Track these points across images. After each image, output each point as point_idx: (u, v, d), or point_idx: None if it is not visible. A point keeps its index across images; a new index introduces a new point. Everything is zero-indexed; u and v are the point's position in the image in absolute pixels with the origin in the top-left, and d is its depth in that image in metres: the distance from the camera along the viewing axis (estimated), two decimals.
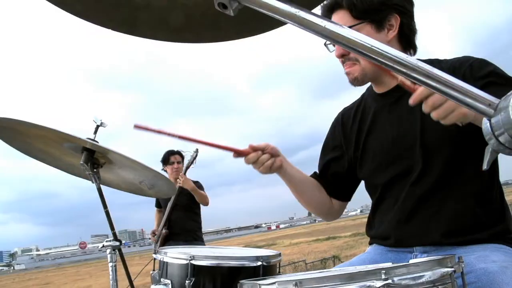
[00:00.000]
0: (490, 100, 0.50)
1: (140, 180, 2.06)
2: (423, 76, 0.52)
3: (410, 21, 1.63)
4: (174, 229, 5.23)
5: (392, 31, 1.60)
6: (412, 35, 1.66)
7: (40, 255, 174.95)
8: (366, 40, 0.53)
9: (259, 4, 0.58)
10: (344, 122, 1.85)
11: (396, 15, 1.59)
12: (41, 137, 1.93)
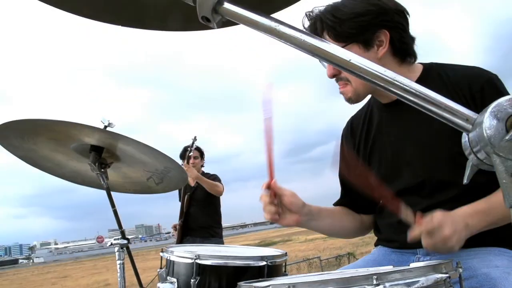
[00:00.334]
0: (468, 115, 0.50)
1: (148, 176, 2.08)
2: (402, 90, 0.52)
3: (402, 33, 1.56)
4: (191, 224, 5.26)
5: (382, 47, 1.54)
6: (406, 46, 1.58)
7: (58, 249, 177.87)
8: (343, 53, 0.53)
9: (240, 18, 0.58)
10: (353, 130, 1.83)
11: (385, 30, 1.52)
12: (48, 140, 1.96)
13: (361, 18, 1.52)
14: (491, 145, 0.45)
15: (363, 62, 0.52)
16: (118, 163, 2.09)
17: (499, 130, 0.45)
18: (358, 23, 1.52)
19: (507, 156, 0.44)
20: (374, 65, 0.52)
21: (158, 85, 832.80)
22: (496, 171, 0.46)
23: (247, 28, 0.57)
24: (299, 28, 0.56)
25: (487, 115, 0.46)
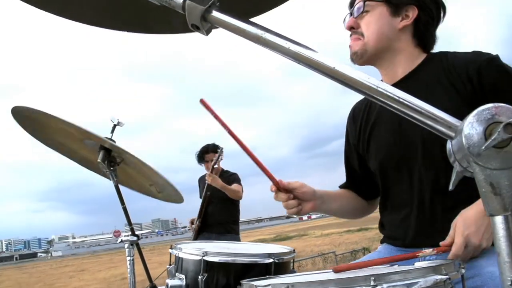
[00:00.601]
0: (451, 123, 0.50)
1: (151, 183, 2.11)
2: (385, 97, 0.52)
3: (429, 21, 1.62)
4: (209, 220, 5.30)
5: (406, 21, 1.60)
6: (427, 34, 1.64)
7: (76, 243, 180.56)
8: (327, 61, 0.53)
9: (228, 26, 0.59)
10: (355, 116, 1.85)
11: (414, 7, 1.59)
12: (63, 131, 1.99)
13: None
14: (470, 154, 0.45)
15: (347, 69, 0.53)
16: (126, 165, 2.11)
17: (478, 139, 0.45)
18: None
19: (486, 165, 0.44)
20: (358, 73, 0.52)
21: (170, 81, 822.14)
22: (476, 180, 0.46)
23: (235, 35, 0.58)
24: (284, 36, 0.56)
25: (467, 123, 0.46)
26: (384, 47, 1.62)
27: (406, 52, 1.63)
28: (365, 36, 1.62)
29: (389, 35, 1.61)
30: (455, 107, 1.46)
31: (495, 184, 0.45)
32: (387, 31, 1.61)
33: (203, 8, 0.59)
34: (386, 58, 1.65)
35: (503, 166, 0.44)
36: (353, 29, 1.66)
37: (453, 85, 1.49)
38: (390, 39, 1.61)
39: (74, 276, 25.23)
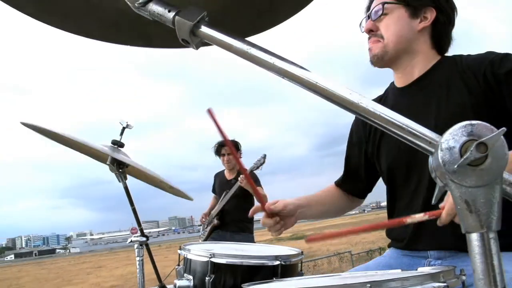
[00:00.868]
0: (431, 138, 0.50)
1: (161, 180, 2.14)
2: (367, 112, 0.53)
3: (447, 22, 1.63)
4: (224, 219, 5.31)
5: (425, 22, 1.61)
6: (444, 35, 1.65)
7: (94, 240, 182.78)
8: (310, 76, 0.54)
9: (216, 41, 0.61)
10: None
11: (433, 9, 1.60)
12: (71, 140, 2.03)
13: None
14: (446, 171, 0.45)
15: (329, 84, 0.53)
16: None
17: (454, 156, 0.45)
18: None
19: (461, 183, 0.45)
20: (340, 88, 0.53)
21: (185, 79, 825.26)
22: (452, 197, 0.47)
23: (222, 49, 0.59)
24: (269, 51, 0.57)
25: (443, 140, 0.46)
26: (403, 49, 1.63)
27: (423, 54, 1.64)
28: (384, 38, 1.63)
29: (409, 36, 1.62)
30: (469, 107, 1.46)
31: (470, 202, 0.45)
32: (407, 33, 1.61)
33: (191, 24, 0.60)
34: (404, 60, 1.65)
35: (478, 183, 0.44)
36: (372, 31, 1.66)
37: (467, 85, 1.49)
38: (410, 40, 1.62)
39: (92, 272, 25.59)
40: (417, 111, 1.59)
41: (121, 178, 2.00)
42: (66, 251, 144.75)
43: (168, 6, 0.63)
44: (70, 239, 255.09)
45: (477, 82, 1.47)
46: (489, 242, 0.45)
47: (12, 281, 25.61)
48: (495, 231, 0.46)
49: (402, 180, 1.65)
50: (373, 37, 1.66)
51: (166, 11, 0.63)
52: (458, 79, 1.52)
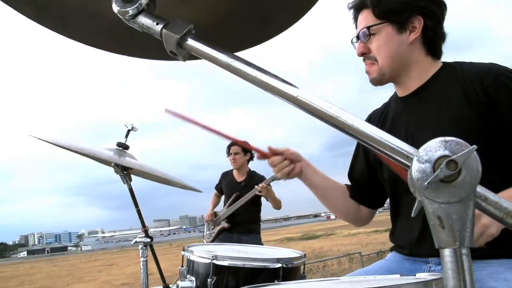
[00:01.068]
0: (408, 153, 0.51)
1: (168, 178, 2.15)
2: (346, 126, 0.53)
3: (436, 24, 1.59)
4: (233, 221, 5.27)
5: (414, 33, 1.57)
6: (437, 39, 1.61)
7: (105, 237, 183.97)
8: (291, 90, 0.55)
9: (202, 53, 0.62)
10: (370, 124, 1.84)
11: (419, 17, 1.56)
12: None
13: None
14: (419, 187, 0.46)
15: (310, 98, 0.54)
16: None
17: (427, 173, 0.45)
18: (396, 2, 1.57)
19: (434, 198, 0.45)
20: (320, 102, 0.54)
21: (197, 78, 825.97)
22: (426, 213, 0.47)
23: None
24: (252, 64, 0.58)
25: (417, 156, 0.47)
26: (399, 66, 1.61)
27: (419, 63, 1.61)
28: (378, 61, 1.60)
29: (402, 53, 1.59)
30: (468, 119, 1.45)
31: (442, 218, 0.45)
32: (399, 49, 1.59)
33: (177, 37, 0.62)
34: (402, 74, 1.63)
35: (450, 200, 0.45)
36: (364, 54, 1.64)
37: (466, 97, 1.47)
38: (403, 56, 1.59)
39: (103, 270, 25.80)
40: (416, 122, 1.59)
41: (125, 180, 2.02)
42: (77, 249, 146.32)
43: (157, 19, 0.65)
44: (82, 236, 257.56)
45: (477, 95, 1.45)
46: (461, 258, 0.46)
47: (25, 277, 25.93)
48: (468, 247, 0.46)
49: (403, 187, 1.64)
50: (367, 60, 1.64)
51: (154, 24, 0.64)
52: (458, 90, 1.50)
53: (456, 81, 1.52)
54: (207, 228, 5.49)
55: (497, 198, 0.48)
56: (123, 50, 1.02)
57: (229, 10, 0.91)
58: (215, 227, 5.35)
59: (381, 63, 1.60)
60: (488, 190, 0.49)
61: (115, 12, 0.79)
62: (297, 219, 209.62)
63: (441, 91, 1.55)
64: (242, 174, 5.34)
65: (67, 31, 1.00)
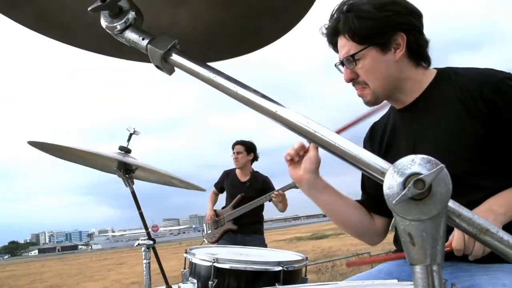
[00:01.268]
0: (383, 168, 0.51)
1: (171, 177, 2.17)
2: (324, 142, 0.54)
3: (418, 36, 1.57)
4: (238, 222, 5.25)
5: (399, 50, 1.54)
6: (422, 49, 1.59)
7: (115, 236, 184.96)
8: (270, 105, 0.56)
9: (185, 68, 0.63)
10: (372, 136, 1.84)
11: (401, 33, 1.53)
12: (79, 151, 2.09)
13: (378, 21, 1.52)
14: (390, 204, 0.46)
15: (288, 113, 0.55)
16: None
17: (397, 190, 0.46)
18: (375, 23, 1.52)
19: (404, 216, 0.46)
20: (298, 117, 0.55)
21: None
22: (398, 229, 0.48)
23: None
24: (233, 79, 0.59)
25: (388, 173, 0.47)
26: (392, 85, 1.59)
27: (411, 78, 1.59)
28: (369, 84, 1.58)
29: (391, 72, 1.56)
30: (467, 128, 1.44)
31: (413, 235, 0.46)
32: (388, 70, 1.56)
33: (161, 52, 0.63)
34: (397, 91, 1.61)
35: (421, 218, 0.45)
36: (353, 79, 1.61)
37: (465, 106, 1.46)
38: (393, 75, 1.57)
39: (113, 269, 25.97)
40: (415, 135, 1.59)
41: (128, 183, 2.04)
42: (88, 248, 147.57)
43: (143, 34, 0.66)
44: (92, 235, 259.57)
45: (476, 104, 1.43)
46: (432, 274, 0.46)
47: (36, 276, 26.20)
48: (439, 263, 0.47)
49: None
50: (357, 85, 1.61)
51: (140, 39, 0.66)
52: (454, 99, 1.49)
53: (452, 89, 1.51)
54: (208, 228, 5.45)
55: (470, 214, 0.49)
56: (124, 55, 1.03)
57: (222, 20, 0.93)
58: (218, 227, 5.33)
59: (373, 87, 1.57)
60: (461, 206, 0.49)
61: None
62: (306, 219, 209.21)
63: (437, 101, 1.54)
64: (246, 174, 5.32)
65: (64, 38, 1.02)
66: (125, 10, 0.67)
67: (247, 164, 5.29)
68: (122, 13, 0.67)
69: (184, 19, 0.95)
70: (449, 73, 1.57)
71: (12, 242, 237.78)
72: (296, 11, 0.86)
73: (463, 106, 1.46)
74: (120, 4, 0.67)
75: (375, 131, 1.83)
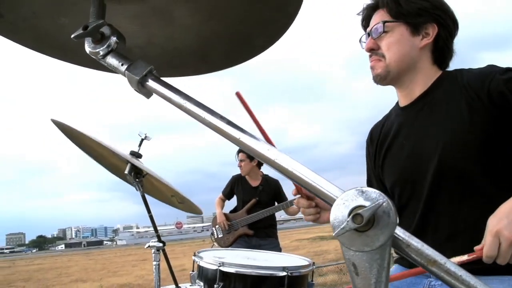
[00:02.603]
0: (335, 196, 0.53)
1: (172, 194, 2.22)
2: (281, 169, 0.56)
3: (448, 37, 1.61)
4: (253, 226, 5.26)
5: (427, 39, 1.60)
6: (446, 50, 1.63)
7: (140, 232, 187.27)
8: (235, 132, 0.58)
9: (159, 93, 0.66)
10: (372, 139, 1.85)
11: (434, 24, 1.59)
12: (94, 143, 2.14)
13: (422, 3, 1.59)
14: (335, 233, 0.48)
15: (250, 141, 0.57)
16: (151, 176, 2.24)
17: (341, 221, 0.48)
18: (417, 5, 1.59)
19: (348, 246, 0.47)
20: (260, 144, 0.57)
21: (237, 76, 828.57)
22: (344, 259, 0.49)
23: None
24: (202, 105, 0.62)
25: (335, 204, 0.49)
26: (406, 67, 1.61)
27: (424, 70, 1.62)
28: (386, 57, 1.62)
29: (411, 55, 1.60)
30: (471, 127, 1.43)
31: (357, 265, 0.48)
32: (409, 51, 1.60)
33: (137, 79, 0.66)
34: (406, 78, 1.64)
35: (364, 249, 0.47)
36: (373, 50, 1.65)
37: (468, 103, 1.46)
38: (412, 59, 1.61)
39: (137, 265, 26.33)
40: (418, 132, 1.58)
41: (138, 187, 2.10)
42: (113, 243, 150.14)
43: (122, 60, 0.69)
44: (117, 231, 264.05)
45: (480, 100, 1.43)
46: None
47: (62, 270, 26.81)
48: None
49: (404, 199, 1.64)
50: (374, 56, 1.65)
51: (120, 64, 0.69)
52: (459, 97, 1.49)
53: (456, 88, 1.52)
54: (219, 232, 5.43)
55: (419, 245, 0.50)
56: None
57: (213, 33, 0.96)
58: (231, 231, 5.33)
59: (389, 60, 1.61)
60: (411, 236, 0.51)
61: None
62: None
63: (442, 99, 1.55)
64: (256, 179, 5.33)
65: (65, 56, 1.06)
66: (106, 36, 0.71)
67: (254, 169, 5.28)
68: (104, 39, 0.71)
69: (177, 34, 0.99)
70: (455, 74, 1.58)
71: (40, 236, 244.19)
72: (283, 19, 0.88)
73: (467, 104, 1.46)
74: (102, 30, 0.70)
75: (375, 133, 1.85)
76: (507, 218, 1.16)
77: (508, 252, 1.15)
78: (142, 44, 1.00)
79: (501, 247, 1.14)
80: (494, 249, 1.15)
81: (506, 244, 1.14)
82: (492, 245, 1.15)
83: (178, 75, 1.10)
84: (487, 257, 1.16)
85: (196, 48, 1.01)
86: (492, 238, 1.15)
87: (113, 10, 0.85)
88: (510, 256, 1.16)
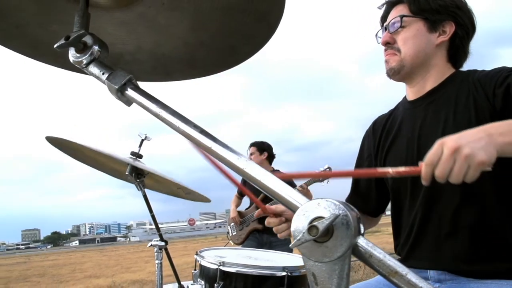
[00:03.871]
0: (300, 205, 0.54)
1: (178, 187, 2.23)
2: (249, 177, 0.57)
3: (465, 37, 1.61)
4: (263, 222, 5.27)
5: (443, 36, 1.60)
6: (462, 50, 1.63)
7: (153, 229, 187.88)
8: (206, 141, 0.60)
9: (137, 102, 0.68)
10: (375, 130, 1.84)
11: (452, 23, 1.59)
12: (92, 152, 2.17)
13: (444, 0, 1.60)
14: (295, 243, 0.49)
15: (221, 150, 0.58)
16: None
17: (301, 232, 0.49)
18: (439, 1, 1.59)
19: (308, 256, 0.48)
20: (230, 154, 0.58)
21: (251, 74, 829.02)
22: (305, 268, 0.50)
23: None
24: (177, 114, 0.64)
25: (295, 215, 0.50)
26: (420, 63, 1.61)
27: (438, 68, 1.62)
28: (402, 52, 1.62)
29: (426, 51, 1.60)
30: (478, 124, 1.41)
31: (316, 275, 0.48)
32: (425, 47, 1.60)
33: (116, 88, 0.68)
34: (419, 74, 1.63)
35: (323, 259, 0.48)
36: (388, 44, 1.65)
37: (476, 102, 1.45)
38: (427, 55, 1.61)
39: (150, 261, 26.49)
40: (424, 127, 1.58)
41: (140, 187, 2.12)
42: (126, 239, 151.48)
43: (103, 69, 0.71)
44: (130, 228, 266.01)
45: (487, 100, 1.42)
46: None
47: (76, 265, 27.10)
48: None
49: (404, 197, 1.63)
50: (389, 50, 1.65)
51: (101, 73, 0.70)
52: (468, 95, 1.49)
53: (467, 88, 1.51)
54: (233, 229, 5.44)
55: (382, 255, 0.51)
56: None
57: (199, 40, 0.98)
58: (243, 228, 5.34)
59: (404, 54, 1.61)
60: (374, 247, 0.51)
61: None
62: None
63: (451, 97, 1.54)
64: None
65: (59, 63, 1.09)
66: (89, 45, 0.72)
67: (263, 163, 5.18)
68: (86, 48, 0.72)
69: (166, 42, 1.01)
70: (468, 73, 1.58)
71: (55, 232, 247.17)
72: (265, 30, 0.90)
73: (474, 102, 1.45)
74: (84, 39, 0.72)
75: (377, 125, 1.83)
76: (458, 135, 1.12)
77: (447, 161, 1.08)
78: (132, 50, 1.02)
79: (442, 155, 1.08)
80: (435, 156, 1.09)
81: (447, 152, 1.08)
82: (434, 152, 1.09)
83: (167, 79, 1.12)
84: (426, 164, 1.09)
85: (184, 54, 1.03)
86: (436, 146, 1.10)
87: (100, 17, 0.87)
88: (447, 170, 1.08)
